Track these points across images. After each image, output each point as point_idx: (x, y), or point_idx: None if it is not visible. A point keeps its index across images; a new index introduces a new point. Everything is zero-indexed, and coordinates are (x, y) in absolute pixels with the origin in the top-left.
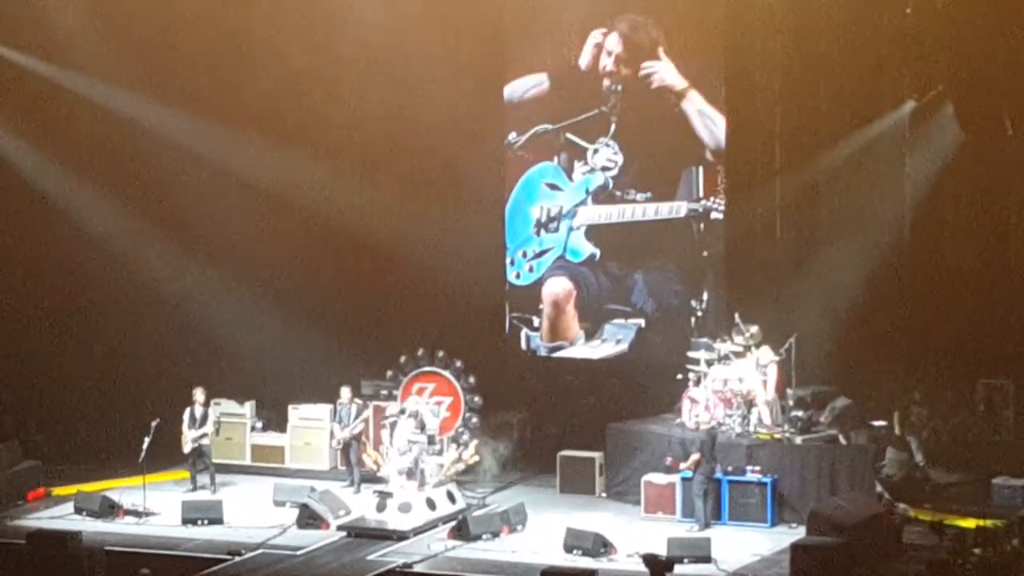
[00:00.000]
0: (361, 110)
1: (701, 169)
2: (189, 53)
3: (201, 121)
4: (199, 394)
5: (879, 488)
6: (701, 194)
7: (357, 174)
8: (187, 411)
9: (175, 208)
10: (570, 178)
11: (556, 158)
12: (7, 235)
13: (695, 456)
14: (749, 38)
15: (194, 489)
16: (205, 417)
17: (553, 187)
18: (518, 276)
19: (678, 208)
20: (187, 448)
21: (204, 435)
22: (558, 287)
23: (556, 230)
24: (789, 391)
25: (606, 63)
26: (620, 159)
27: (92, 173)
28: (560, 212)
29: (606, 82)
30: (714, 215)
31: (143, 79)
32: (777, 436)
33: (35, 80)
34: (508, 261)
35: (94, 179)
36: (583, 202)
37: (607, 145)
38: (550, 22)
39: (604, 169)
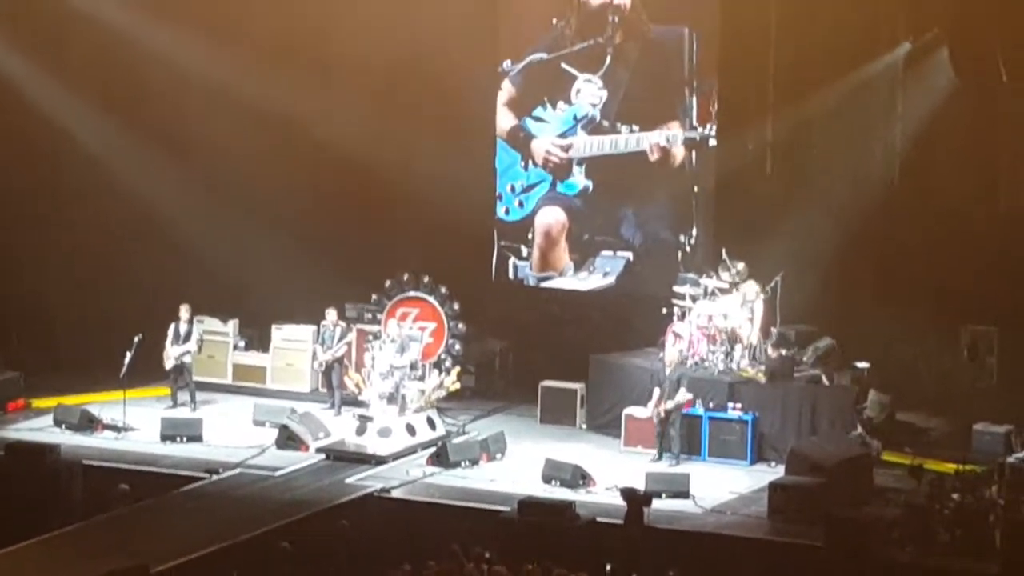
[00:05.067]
0: (359, 34)
1: (695, 98)
2: None
3: (196, 39)
4: (184, 311)
5: (859, 429)
6: (695, 122)
7: (349, 97)
8: (172, 327)
9: (165, 124)
10: (554, 110)
11: (544, 98)
12: None
13: (655, 396)
14: None
15: (174, 406)
16: (189, 334)
17: (538, 120)
18: (507, 212)
19: (674, 136)
20: (169, 364)
21: (187, 352)
22: (551, 218)
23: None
24: (773, 329)
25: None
26: (604, 95)
27: (86, 89)
28: (567, 150)
29: (608, 14)
30: (711, 142)
31: None
32: (760, 374)
33: None
34: (496, 196)
35: (86, 94)
36: (572, 131)
37: (589, 81)
38: None
39: (591, 105)
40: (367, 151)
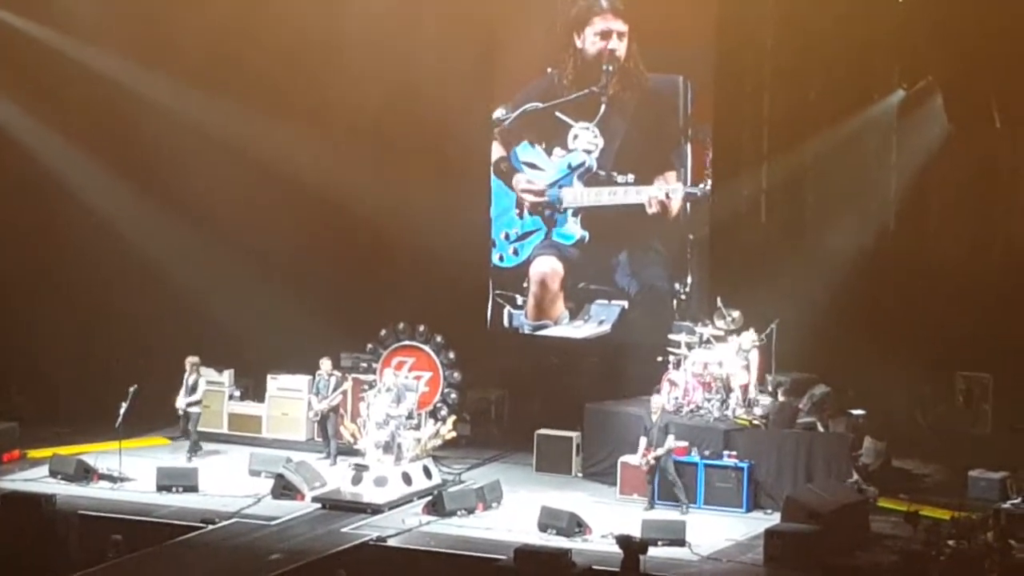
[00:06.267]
0: (354, 83)
1: (690, 147)
2: (189, 22)
3: (191, 87)
4: (188, 363)
5: (854, 476)
6: (691, 175)
7: (346, 146)
8: (184, 377)
9: (161, 173)
10: (549, 156)
11: (538, 141)
12: None
13: (642, 445)
14: (740, 23)
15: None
16: (196, 385)
17: (532, 166)
18: (501, 259)
19: (674, 191)
20: (181, 412)
21: (195, 402)
22: (547, 266)
23: (539, 212)
24: (769, 377)
25: (605, 44)
26: (600, 143)
27: (80, 137)
28: (542, 191)
29: (603, 63)
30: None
31: (139, 46)
32: (755, 422)
33: (29, 43)
34: (491, 243)
35: (81, 142)
36: (567, 181)
37: (586, 128)
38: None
39: (586, 152)
40: (362, 200)
